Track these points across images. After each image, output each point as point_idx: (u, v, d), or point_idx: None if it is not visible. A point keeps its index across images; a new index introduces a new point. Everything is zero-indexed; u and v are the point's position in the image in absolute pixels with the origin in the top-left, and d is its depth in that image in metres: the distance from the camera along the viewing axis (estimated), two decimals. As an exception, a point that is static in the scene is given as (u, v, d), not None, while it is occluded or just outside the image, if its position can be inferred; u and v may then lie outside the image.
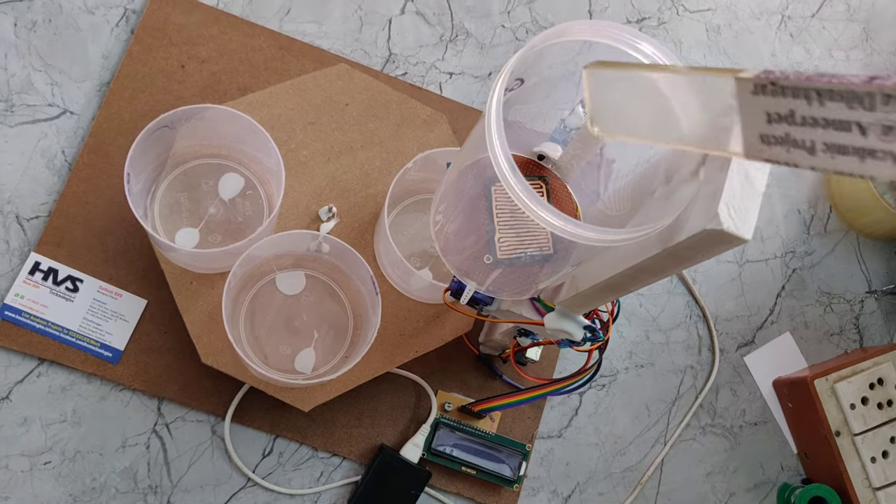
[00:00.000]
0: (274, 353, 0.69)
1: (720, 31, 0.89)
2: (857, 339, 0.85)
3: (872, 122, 0.28)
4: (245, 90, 0.77)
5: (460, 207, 0.56)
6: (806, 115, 0.30)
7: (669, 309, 0.82)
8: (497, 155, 0.43)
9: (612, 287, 0.50)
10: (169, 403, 0.71)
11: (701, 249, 0.41)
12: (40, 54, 0.75)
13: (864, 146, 0.29)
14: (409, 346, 0.71)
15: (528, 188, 0.42)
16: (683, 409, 0.81)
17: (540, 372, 0.77)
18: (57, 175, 0.73)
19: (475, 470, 0.74)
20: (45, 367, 0.70)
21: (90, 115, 0.75)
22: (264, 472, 0.72)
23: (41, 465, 0.69)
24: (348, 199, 0.72)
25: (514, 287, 0.57)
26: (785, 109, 0.31)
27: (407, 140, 0.75)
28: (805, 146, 0.31)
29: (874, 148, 0.28)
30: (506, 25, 0.85)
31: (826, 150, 0.30)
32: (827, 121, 0.30)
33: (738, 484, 0.80)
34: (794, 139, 0.31)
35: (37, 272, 0.70)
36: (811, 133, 0.30)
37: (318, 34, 0.81)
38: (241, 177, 0.72)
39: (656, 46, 0.46)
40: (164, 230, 0.70)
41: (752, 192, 0.40)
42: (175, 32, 0.77)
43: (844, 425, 0.77)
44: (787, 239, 0.86)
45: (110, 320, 0.71)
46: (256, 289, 0.70)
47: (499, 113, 0.43)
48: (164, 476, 0.71)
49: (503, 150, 0.43)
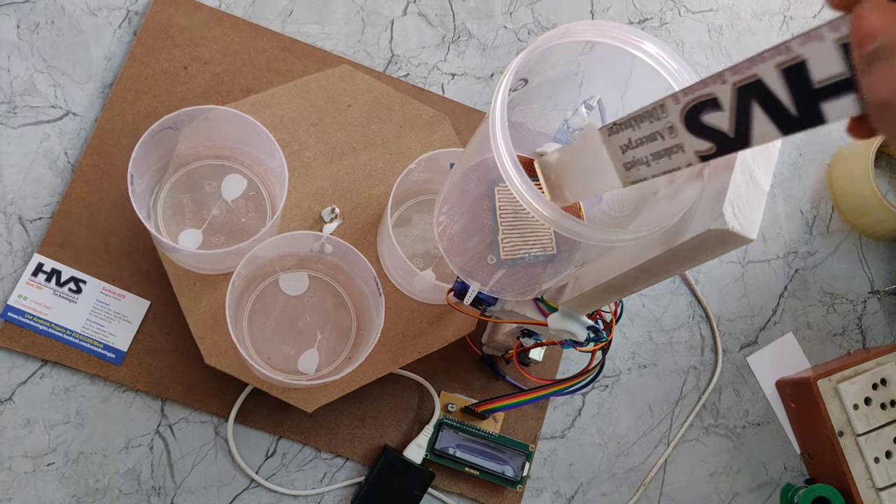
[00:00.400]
0: (277, 353, 0.69)
1: (722, 31, 0.89)
2: (860, 339, 0.85)
3: (662, 127, 0.39)
4: (248, 91, 0.77)
5: (464, 208, 0.56)
6: (634, 138, 0.41)
7: (672, 309, 0.82)
8: (502, 155, 0.43)
9: (616, 287, 0.50)
10: (172, 404, 0.71)
11: (705, 249, 0.41)
12: (43, 56, 0.75)
13: (665, 147, 0.39)
14: (413, 346, 0.71)
15: (533, 188, 0.42)
16: (686, 410, 0.81)
17: (543, 372, 0.77)
18: (60, 176, 0.73)
19: (478, 471, 0.74)
20: (48, 369, 0.70)
21: (93, 116, 0.75)
22: (268, 473, 0.72)
23: (44, 467, 0.69)
24: (351, 200, 0.72)
25: (518, 287, 0.57)
26: (625, 140, 0.42)
27: (410, 141, 0.75)
28: (644, 161, 0.41)
29: (670, 145, 0.39)
30: (508, 26, 0.85)
31: (653, 159, 0.40)
32: (644, 137, 0.40)
33: (742, 484, 0.80)
34: (637, 158, 0.41)
35: (40, 273, 0.70)
36: (641, 150, 0.41)
37: (320, 35, 0.81)
38: (244, 178, 0.72)
39: (660, 46, 0.46)
40: (167, 231, 0.70)
41: (756, 191, 0.40)
42: (178, 34, 0.77)
43: (848, 426, 0.76)
44: (790, 239, 0.86)
45: (113, 321, 0.71)
46: (260, 290, 0.70)
47: (503, 113, 0.43)
48: (168, 477, 0.71)
49: (508, 151, 0.43)
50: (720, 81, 0.35)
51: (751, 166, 0.40)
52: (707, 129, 0.37)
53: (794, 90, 0.32)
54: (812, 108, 0.32)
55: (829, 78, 0.31)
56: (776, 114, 0.34)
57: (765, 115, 0.34)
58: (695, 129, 0.37)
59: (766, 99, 0.34)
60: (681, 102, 0.37)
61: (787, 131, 0.34)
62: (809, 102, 0.32)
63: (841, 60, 0.30)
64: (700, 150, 0.38)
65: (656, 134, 0.39)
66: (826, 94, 0.31)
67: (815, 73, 0.31)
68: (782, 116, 0.33)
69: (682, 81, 0.45)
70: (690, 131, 0.38)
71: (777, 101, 0.33)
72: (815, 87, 0.31)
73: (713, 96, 0.36)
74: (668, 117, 0.38)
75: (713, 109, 0.36)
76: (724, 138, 0.36)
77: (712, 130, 0.37)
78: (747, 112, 0.35)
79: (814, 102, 0.32)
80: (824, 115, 0.32)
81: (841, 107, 0.31)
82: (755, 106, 0.34)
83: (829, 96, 0.31)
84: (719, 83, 0.35)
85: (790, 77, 0.32)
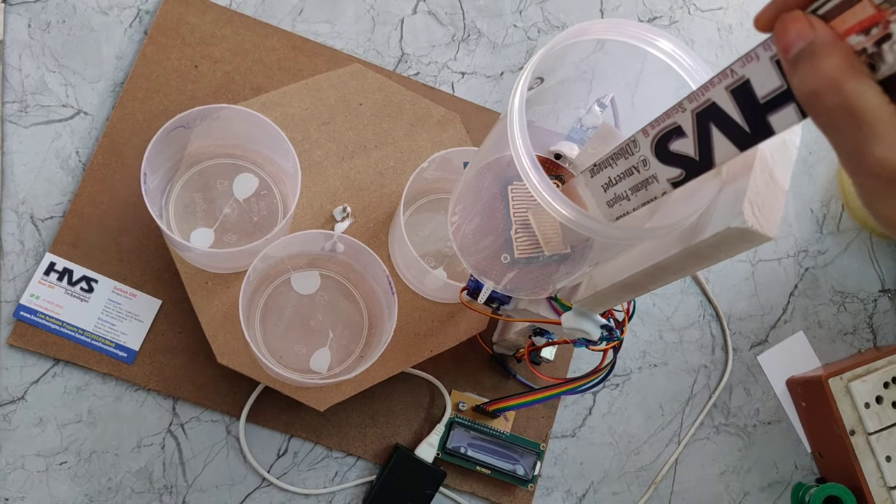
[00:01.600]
0: (289, 352, 0.69)
1: (732, 30, 0.89)
2: (871, 338, 0.85)
3: (637, 161, 0.42)
4: (258, 90, 0.77)
5: (478, 207, 0.56)
6: (612, 176, 0.44)
7: (683, 308, 0.82)
8: (520, 153, 0.43)
9: (631, 286, 0.50)
10: (184, 403, 0.71)
11: (724, 248, 0.41)
12: (54, 55, 0.75)
13: (642, 179, 0.42)
14: (424, 345, 0.71)
15: (552, 186, 0.42)
16: (697, 409, 0.81)
17: (554, 371, 0.77)
18: (71, 175, 0.73)
19: (490, 469, 0.74)
20: (60, 368, 0.70)
21: (104, 115, 0.75)
22: (279, 471, 0.72)
23: (57, 466, 0.69)
24: (362, 199, 0.72)
25: (532, 286, 0.57)
26: (606, 178, 0.45)
27: (421, 140, 0.75)
28: (625, 196, 0.44)
29: (646, 177, 0.42)
30: (518, 25, 0.85)
31: (632, 193, 0.43)
32: (623, 173, 0.43)
33: (752, 483, 0.80)
34: (617, 195, 0.44)
35: (52, 273, 0.71)
36: (621, 186, 0.44)
37: (330, 34, 0.81)
38: (256, 177, 0.72)
39: (675, 43, 0.46)
40: (179, 230, 0.70)
41: (776, 189, 0.39)
42: (188, 32, 0.77)
43: (859, 424, 0.76)
44: (800, 238, 0.86)
45: (125, 320, 0.71)
46: (272, 288, 0.70)
47: (521, 111, 0.43)
48: (180, 476, 0.71)
49: (526, 148, 0.43)
50: (680, 110, 0.38)
51: (770, 165, 0.40)
52: (675, 156, 0.39)
53: (743, 108, 0.35)
54: (761, 121, 0.35)
55: (770, 92, 0.34)
56: (732, 132, 0.36)
57: (723, 136, 0.37)
58: (665, 158, 0.40)
59: (721, 120, 0.36)
60: (650, 135, 0.40)
61: (743, 147, 0.36)
62: (758, 117, 0.35)
63: (777, 75, 0.33)
64: (671, 178, 0.40)
65: (633, 168, 0.42)
66: (771, 107, 0.34)
67: (759, 90, 0.34)
68: (737, 133, 0.36)
69: (697, 79, 0.45)
70: (661, 161, 0.40)
71: (731, 121, 0.36)
72: (761, 103, 0.34)
73: (676, 125, 0.38)
74: (640, 151, 0.41)
75: (679, 137, 0.39)
76: (692, 163, 0.39)
77: (680, 157, 0.39)
78: (708, 134, 0.37)
79: (762, 117, 0.35)
80: (772, 126, 0.34)
81: (786, 116, 0.34)
82: (713, 128, 0.37)
83: (773, 109, 0.34)
84: (680, 112, 0.38)
85: (738, 96, 0.35)
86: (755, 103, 0.35)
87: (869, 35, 0.29)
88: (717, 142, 0.37)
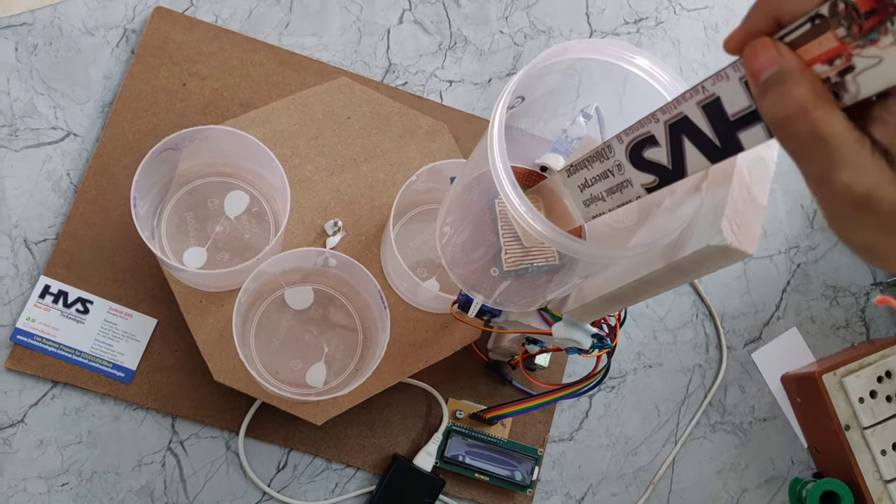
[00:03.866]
0: (285, 368, 0.70)
1: (718, 28, 0.89)
2: (864, 331, 0.85)
3: (612, 165, 0.43)
4: (247, 106, 0.77)
5: (466, 221, 0.57)
6: (588, 177, 0.45)
7: (676, 308, 0.83)
8: (500, 177, 0.43)
9: (619, 298, 0.51)
10: (183, 421, 0.72)
11: (705, 264, 0.41)
12: (42, 78, 0.76)
13: (617, 182, 0.43)
14: (419, 356, 0.71)
15: (531, 208, 0.43)
16: (693, 408, 0.81)
17: (549, 377, 0.78)
18: (63, 197, 0.74)
19: (488, 476, 0.74)
20: (58, 390, 0.71)
21: (94, 136, 0.75)
22: (279, 485, 0.73)
23: (58, 487, 0.70)
24: (353, 213, 0.73)
25: (522, 299, 0.58)
26: (582, 179, 0.46)
27: (410, 151, 0.75)
28: (601, 197, 0.45)
29: (621, 181, 0.43)
30: (504, 31, 0.85)
31: (608, 195, 0.44)
32: (598, 175, 0.44)
33: (750, 480, 0.81)
34: (594, 195, 0.45)
35: (47, 295, 0.71)
36: (597, 188, 0.45)
37: (317, 47, 0.81)
38: (247, 194, 0.72)
39: (652, 60, 0.46)
40: (171, 250, 0.70)
41: (754, 206, 0.40)
42: (175, 50, 0.77)
43: (854, 419, 0.77)
44: (791, 234, 0.86)
45: (121, 340, 0.71)
46: (265, 305, 0.71)
47: (500, 135, 0.43)
48: (181, 493, 0.71)
49: (506, 172, 0.43)
50: (654, 120, 0.39)
51: (748, 181, 0.40)
52: (649, 163, 0.40)
53: (714, 123, 0.36)
54: (731, 138, 0.36)
55: (740, 111, 0.35)
56: (703, 145, 0.37)
57: (694, 147, 0.38)
58: (639, 164, 0.41)
59: (693, 133, 0.37)
60: (624, 142, 0.41)
61: (714, 160, 0.37)
62: (728, 133, 0.36)
63: (746, 95, 0.34)
64: (645, 183, 0.41)
65: (608, 171, 0.43)
66: (740, 124, 0.35)
67: (729, 108, 0.35)
68: (708, 147, 0.37)
69: (674, 93, 0.46)
70: (635, 166, 0.41)
71: (702, 134, 0.37)
72: (731, 120, 0.35)
73: (650, 134, 0.39)
74: (615, 156, 0.42)
75: (652, 145, 0.40)
76: (665, 170, 0.40)
77: (653, 164, 0.40)
78: (680, 145, 0.38)
79: (732, 133, 0.36)
80: (742, 143, 0.35)
81: (754, 135, 0.35)
82: (685, 140, 0.38)
83: (743, 126, 0.35)
84: (653, 122, 0.39)
85: (709, 112, 0.36)
86: (725, 120, 0.35)
87: (833, 65, 0.29)
88: (689, 153, 0.38)
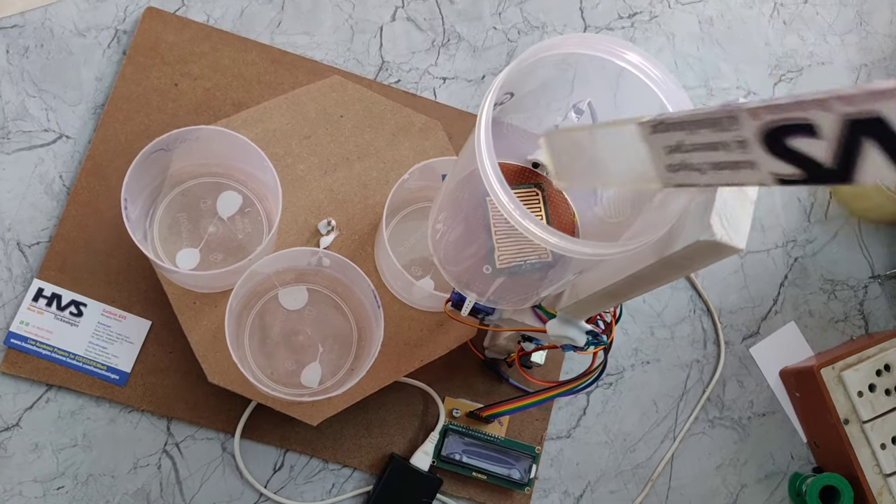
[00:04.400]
0: (280, 368, 0.70)
1: (713, 22, 0.89)
2: (863, 324, 0.85)
3: (730, 139, 0.35)
4: (239, 105, 0.77)
5: (458, 219, 0.56)
6: (687, 142, 0.37)
7: (673, 304, 0.82)
8: (489, 175, 0.43)
9: (612, 294, 0.50)
10: (178, 423, 0.72)
11: (696, 259, 0.41)
12: (34, 80, 0.76)
13: (731, 160, 0.35)
14: (415, 355, 0.71)
15: (521, 206, 0.42)
16: (691, 404, 0.81)
17: (546, 374, 0.78)
18: (56, 200, 0.74)
19: (486, 475, 0.74)
20: (53, 393, 0.71)
21: (86, 138, 0.75)
22: (276, 486, 0.73)
23: (54, 491, 0.70)
24: (347, 212, 0.72)
25: (516, 296, 0.58)
26: (674, 141, 0.38)
27: (403, 149, 0.75)
28: (696, 168, 0.37)
29: (738, 160, 0.35)
30: (497, 27, 0.85)
31: (710, 168, 0.37)
32: (703, 144, 0.36)
33: (749, 475, 0.81)
34: (687, 164, 0.38)
35: (40, 298, 0.71)
36: (696, 156, 0.37)
37: (309, 45, 0.81)
38: (239, 194, 0.72)
39: (643, 55, 0.46)
40: (164, 251, 0.70)
41: (744, 200, 0.40)
42: (167, 51, 0.77)
43: (853, 413, 0.77)
44: (788, 228, 0.86)
45: (115, 343, 0.71)
46: (259, 306, 0.71)
47: (488, 135, 0.43)
48: (177, 495, 0.71)
49: (494, 171, 0.43)
50: (821, 108, 0.31)
51: (738, 176, 0.40)
52: (793, 153, 0.33)
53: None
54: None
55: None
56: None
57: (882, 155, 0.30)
58: (777, 150, 0.34)
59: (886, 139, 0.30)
60: (760, 119, 0.34)
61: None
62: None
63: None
64: (782, 174, 0.34)
65: (720, 144, 0.36)
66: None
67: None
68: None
69: (666, 90, 0.45)
70: (771, 152, 0.34)
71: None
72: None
73: (808, 122, 0.32)
74: (738, 130, 0.34)
75: (805, 135, 0.32)
76: (818, 168, 0.33)
77: (801, 157, 0.33)
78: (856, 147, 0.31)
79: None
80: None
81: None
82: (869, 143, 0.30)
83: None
84: (820, 110, 0.31)
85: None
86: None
87: None
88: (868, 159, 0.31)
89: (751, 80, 0.88)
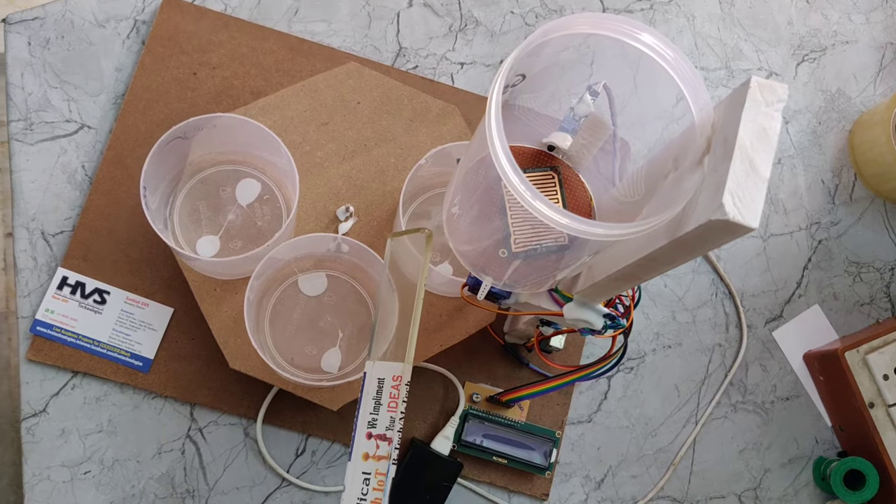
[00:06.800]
0: (300, 354, 0.70)
1: (734, 2, 0.88)
2: (889, 307, 0.84)
3: None
4: (257, 93, 0.77)
5: (473, 202, 0.56)
6: None
7: (695, 288, 0.82)
8: (500, 158, 0.43)
9: (627, 277, 0.50)
10: (201, 409, 0.73)
11: (709, 239, 0.41)
12: (55, 71, 0.76)
13: None
14: (434, 340, 0.71)
15: (533, 189, 0.42)
16: (713, 388, 0.80)
17: (566, 358, 0.77)
18: (79, 189, 0.74)
19: (506, 459, 0.74)
20: (78, 379, 0.72)
21: (107, 128, 0.76)
22: (298, 471, 0.73)
23: (81, 475, 0.71)
24: (365, 198, 0.73)
25: (532, 279, 0.57)
26: None
27: (420, 135, 0.75)
28: None
29: None
30: (515, 11, 0.84)
31: None
32: None
33: (773, 459, 0.80)
34: None
35: (65, 287, 0.72)
36: None
37: (327, 33, 0.81)
38: (258, 182, 0.72)
39: (656, 36, 0.45)
40: (184, 239, 0.71)
41: (756, 179, 0.39)
42: (185, 40, 0.77)
43: (878, 396, 0.76)
44: (812, 210, 0.85)
45: (138, 330, 0.72)
46: (279, 292, 0.71)
47: (498, 117, 0.43)
48: (201, 480, 0.72)
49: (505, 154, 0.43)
50: None
51: (750, 154, 0.39)
52: None
53: None
54: None
55: None
56: None
57: None
58: None
59: None
60: None
61: None
62: None
63: None
64: None
65: None
66: None
67: None
68: None
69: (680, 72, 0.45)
70: None
71: None
72: None
73: None
74: None
75: None
76: None
77: None
78: None
79: None
80: None
81: None
82: None
83: None
84: None
85: None
86: None
87: None
88: None
89: (773, 61, 0.87)
